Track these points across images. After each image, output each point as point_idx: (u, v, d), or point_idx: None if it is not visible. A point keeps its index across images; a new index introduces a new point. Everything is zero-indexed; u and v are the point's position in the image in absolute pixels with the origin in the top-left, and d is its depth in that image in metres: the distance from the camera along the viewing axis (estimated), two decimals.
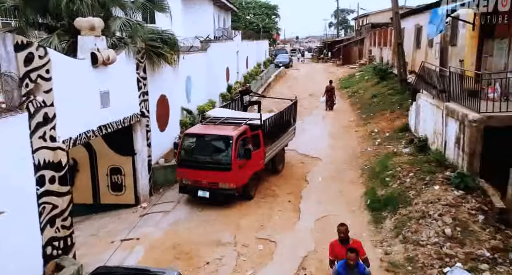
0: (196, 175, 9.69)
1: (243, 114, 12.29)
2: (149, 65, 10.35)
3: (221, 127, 10.30)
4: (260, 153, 10.39)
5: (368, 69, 30.19)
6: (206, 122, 10.78)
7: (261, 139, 10.41)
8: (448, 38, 14.47)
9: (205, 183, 9.64)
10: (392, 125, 15.10)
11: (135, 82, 9.74)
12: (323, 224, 8.73)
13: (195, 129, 10.67)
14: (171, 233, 8.54)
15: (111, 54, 8.05)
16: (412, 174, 9.45)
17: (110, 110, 8.43)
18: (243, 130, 9.96)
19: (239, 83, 23.38)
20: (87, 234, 8.82)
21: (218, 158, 9.74)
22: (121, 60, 8.95)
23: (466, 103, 8.92)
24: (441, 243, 6.74)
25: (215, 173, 9.53)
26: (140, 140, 10.05)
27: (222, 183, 9.53)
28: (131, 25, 9.48)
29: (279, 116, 11.93)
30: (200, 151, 10.04)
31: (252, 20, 54.09)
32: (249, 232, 8.51)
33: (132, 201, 10.14)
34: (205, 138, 10.15)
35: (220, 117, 10.92)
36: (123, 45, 9.24)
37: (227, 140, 9.63)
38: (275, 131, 11.42)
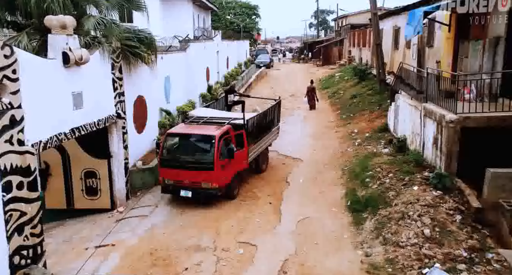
0: (178, 175, 9.65)
1: (227, 114, 12.29)
2: (125, 65, 10.04)
3: (204, 126, 10.29)
4: (243, 152, 10.40)
5: (348, 69, 30.48)
6: (189, 122, 10.77)
7: (244, 138, 10.43)
8: (425, 40, 14.70)
9: (187, 183, 9.61)
10: (372, 125, 15.23)
11: (111, 83, 9.43)
12: (304, 226, 8.67)
13: (177, 128, 10.62)
14: (148, 239, 8.28)
15: (84, 54, 7.75)
16: (392, 175, 9.49)
17: (83, 112, 8.11)
18: (226, 129, 9.96)
19: (219, 83, 23.16)
20: (60, 241, 8.47)
21: (200, 157, 9.70)
22: (95, 60, 8.64)
23: (443, 104, 9.01)
24: (420, 244, 6.76)
25: (197, 172, 9.52)
26: (116, 143, 9.74)
27: (204, 182, 9.51)
28: (106, 23, 9.17)
29: (262, 115, 11.98)
30: (183, 150, 10.03)
31: (233, 20, 53.84)
32: (229, 236, 8.35)
33: (108, 205, 9.82)
34: (187, 138, 10.14)
35: (203, 117, 10.93)
36: (97, 45, 8.93)
37: (210, 139, 9.61)
38: (259, 130, 11.49)
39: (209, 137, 9.68)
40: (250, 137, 10.79)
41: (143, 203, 10.06)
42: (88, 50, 8.29)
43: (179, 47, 17.27)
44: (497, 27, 9.34)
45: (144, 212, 9.62)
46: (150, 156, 11.73)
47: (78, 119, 7.93)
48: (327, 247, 7.74)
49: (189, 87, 17.37)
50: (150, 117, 12.25)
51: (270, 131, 12.42)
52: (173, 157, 9.89)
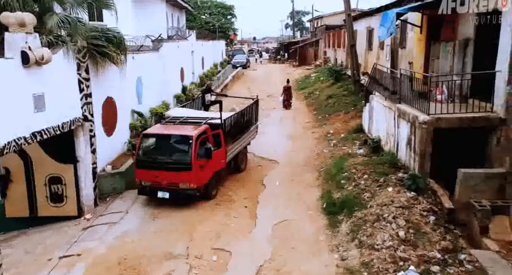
0: (155, 176, 9.51)
1: (204, 114, 12.19)
2: (93, 65, 9.60)
3: (181, 127, 10.23)
4: (221, 152, 10.33)
5: (323, 70, 30.67)
6: (165, 122, 10.67)
7: (221, 138, 10.34)
8: (398, 41, 14.84)
9: (165, 184, 9.50)
10: (347, 126, 15.29)
11: (76, 84, 8.99)
12: (281, 230, 8.51)
13: (153, 129, 10.52)
14: (117, 247, 7.91)
15: (45, 53, 7.30)
16: (367, 176, 9.47)
17: (45, 115, 7.66)
18: (203, 129, 9.90)
19: (194, 84, 22.79)
20: (21, 251, 7.99)
21: (178, 158, 9.59)
22: (59, 59, 8.20)
23: (416, 104, 9.06)
24: (396, 246, 6.71)
25: (175, 173, 9.41)
26: (82, 146, 9.29)
27: (182, 183, 9.41)
28: (70, 22, 8.72)
29: (240, 115, 11.93)
30: (159, 151, 9.89)
31: (208, 20, 53.37)
32: (203, 242, 8.09)
33: (74, 212, 9.35)
34: (164, 138, 10.04)
35: (179, 117, 10.86)
36: (61, 44, 8.47)
37: (187, 140, 9.52)
38: (237, 130, 11.46)
39: (186, 137, 9.58)
40: (228, 137, 10.72)
41: (113, 209, 9.64)
42: (51, 49, 7.85)
43: (152, 47, 16.83)
44: (467, 29, 9.49)
45: (113, 218, 9.21)
46: (120, 160, 11.30)
47: (39, 122, 7.48)
48: (303, 251, 7.61)
49: (163, 88, 16.96)
50: (121, 119, 11.81)
51: (248, 130, 12.39)
52: (150, 158, 9.72)
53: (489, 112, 8.12)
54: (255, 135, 13.21)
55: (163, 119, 11.03)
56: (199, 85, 23.61)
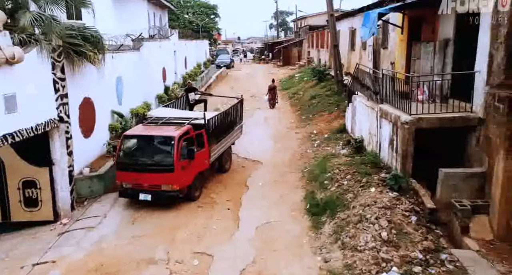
0: (137, 178, 9.33)
1: (187, 114, 12.05)
2: (69, 64, 9.30)
3: (163, 127, 10.04)
4: (204, 153, 10.21)
5: (307, 70, 30.72)
6: (148, 123, 10.47)
7: (205, 138, 10.23)
8: (380, 41, 14.98)
9: (146, 186, 9.31)
10: (330, 126, 15.30)
11: (51, 84, 8.68)
12: (264, 232, 8.38)
13: (135, 130, 10.34)
14: (94, 253, 7.65)
15: (17, 52, 7.02)
16: (350, 176, 9.44)
17: (18, 116, 7.37)
18: (185, 130, 9.73)
19: (177, 84, 22.47)
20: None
21: (160, 159, 9.40)
22: (32, 59, 7.90)
23: (398, 105, 9.08)
24: (378, 247, 6.67)
25: (157, 175, 9.25)
26: (58, 149, 8.99)
27: (164, 185, 9.24)
28: (44, 19, 8.40)
29: (224, 114, 11.80)
30: (141, 153, 9.73)
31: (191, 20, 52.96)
32: (184, 246, 7.90)
33: (50, 217, 9.05)
34: (145, 140, 9.89)
35: (162, 117, 10.67)
36: (34, 42, 8.15)
37: (169, 140, 9.37)
38: (221, 130, 11.32)
39: (168, 138, 9.43)
40: (212, 137, 10.61)
41: (91, 213, 9.36)
42: (23, 48, 7.54)
43: (132, 46, 16.49)
44: (446, 29, 9.56)
45: (91, 223, 8.93)
46: (99, 162, 11.01)
47: (11, 124, 7.19)
48: (286, 254, 7.51)
49: (144, 88, 16.65)
50: (100, 120, 11.51)
51: (232, 130, 12.29)
52: (131, 160, 9.54)
53: (469, 112, 8.18)
54: (239, 135, 13.13)
55: (145, 119, 10.87)
56: (182, 85, 23.32)
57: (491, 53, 7.59)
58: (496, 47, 7.46)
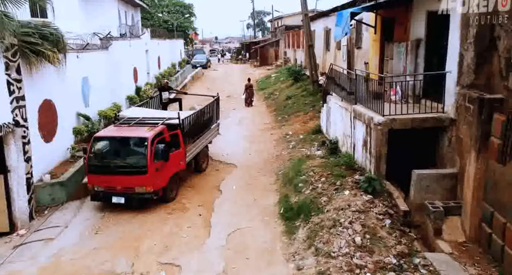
0: (109, 181, 9.11)
1: (161, 113, 11.75)
2: (25, 65, 8.71)
3: (136, 128, 9.77)
4: (180, 153, 10.00)
5: (283, 70, 30.60)
6: (120, 123, 10.16)
7: (180, 138, 10.01)
8: (354, 41, 14.94)
9: (119, 189, 9.10)
10: (306, 127, 15.14)
11: (5, 86, 8.10)
12: (235, 239, 8.07)
13: (106, 131, 10.05)
14: (50, 268, 7.12)
15: None
16: (324, 179, 9.26)
17: None
18: (159, 130, 9.49)
19: (150, 85, 21.86)
20: None
21: (132, 161, 9.21)
22: None
23: (371, 105, 8.96)
24: (352, 253, 6.49)
25: (130, 177, 9.03)
26: (14, 155, 8.40)
27: (138, 187, 9.03)
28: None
29: (199, 113, 11.60)
30: (113, 155, 9.51)
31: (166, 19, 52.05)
32: (150, 257, 7.49)
33: (5, 228, 8.45)
34: (117, 141, 9.64)
35: (135, 118, 10.38)
36: None
37: (142, 142, 9.16)
38: (197, 129, 11.19)
39: (141, 139, 9.20)
40: (187, 137, 10.41)
41: (51, 223, 8.78)
42: None
43: (100, 46, 15.84)
44: (418, 30, 9.52)
45: (50, 234, 8.36)
46: (62, 168, 10.43)
47: None
48: (259, 262, 7.23)
49: (114, 89, 16.03)
50: (62, 123, 10.90)
51: (209, 129, 12.15)
52: (103, 162, 9.26)
53: (441, 113, 8.13)
54: (216, 134, 13.00)
55: (117, 120, 10.50)
56: (155, 86, 22.71)
57: (461, 53, 7.55)
58: (466, 47, 7.42)
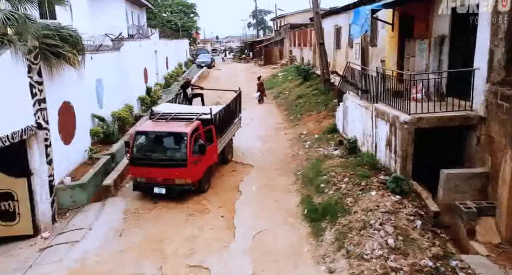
0: (151, 173, 9.67)
1: (192, 109, 12.42)
2: (46, 67, 8.60)
3: (173, 123, 10.35)
4: (213, 147, 10.61)
5: (290, 69, 30.46)
6: (157, 119, 10.71)
7: (213, 133, 10.62)
8: (369, 39, 14.77)
9: (160, 180, 9.65)
10: (320, 126, 15.00)
11: (27, 88, 7.99)
12: (261, 241, 7.95)
13: (146, 126, 10.67)
14: (79, 270, 7.06)
15: None
16: (347, 179, 9.12)
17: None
18: (196, 126, 10.04)
19: (159, 85, 21.77)
20: None
21: (173, 155, 9.79)
22: (6, 61, 7.22)
23: (395, 104, 8.82)
24: (386, 255, 6.36)
25: (170, 169, 9.57)
26: (37, 158, 8.30)
27: (178, 179, 9.58)
28: (18, 19, 7.70)
29: (227, 108, 12.18)
30: (154, 148, 10.10)
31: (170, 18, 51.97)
32: (177, 259, 7.39)
33: (29, 231, 8.36)
34: (158, 136, 10.25)
35: (169, 113, 10.90)
36: (8, 44, 7.45)
37: (182, 137, 9.72)
38: (224, 123, 11.78)
39: (180, 134, 9.76)
40: (218, 130, 10.92)
41: (74, 226, 8.70)
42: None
43: (112, 47, 15.74)
44: (441, 26, 9.36)
45: (74, 237, 8.28)
46: (81, 170, 10.33)
47: None
48: (287, 264, 7.11)
49: (125, 90, 15.95)
50: (80, 126, 10.82)
51: (233, 122, 12.78)
52: (144, 155, 9.85)
53: (469, 111, 7.99)
54: (239, 127, 13.54)
55: (153, 115, 10.93)
56: (164, 86, 22.64)
57: (491, 49, 7.40)
58: (496, 43, 7.28)
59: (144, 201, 9.98)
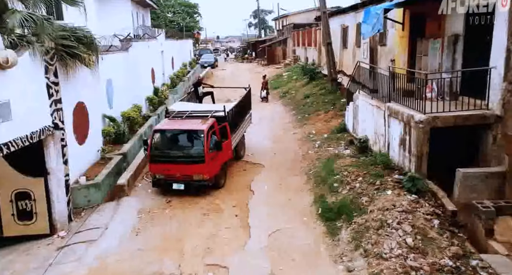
0: (169, 169, 9.98)
1: (206, 106, 12.79)
2: (62, 68, 8.64)
3: (189, 121, 10.74)
4: (228, 143, 10.90)
5: (295, 69, 30.47)
6: (172, 117, 11.05)
7: (228, 130, 10.95)
8: (378, 38, 14.75)
9: (179, 176, 9.98)
10: (329, 125, 15.03)
11: (45, 89, 8.04)
12: (277, 240, 7.99)
13: (164, 125, 10.94)
14: (99, 269, 7.11)
15: (10, 56, 6.39)
16: (361, 179, 9.15)
17: (12, 125, 6.75)
18: (211, 123, 10.40)
19: (166, 85, 21.81)
20: None
21: (191, 151, 10.14)
22: (25, 62, 7.26)
23: (409, 103, 8.83)
24: (405, 254, 6.39)
25: (188, 166, 9.89)
26: (54, 157, 8.35)
27: (196, 175, 9.91)
28: (36, 20, 7.74)
29: (239, 104, 12.60)
30: (172, 146, 10.50)
31: (172, 19, 52.06)
32: (195, 258, 7.44)
33: (46, 230, 8.42)
34: (176, 133, 10.65)
35: (184, 111, 11.25)
36: (26, 45, 7.49)
37: (199, 134, 10.09)
38: (237, 119, 12.19)
39: (197, 131, 10.14)
40: (231, 127, 11.21)
41: (90, 225, 8.75)
42: (15, 51, 6.88)
43: (120, 47, 15.78)
44: (455, 25, 9.37)
45: (91, 235, 8.33)
46: (94, 170, 10.38)
47: (6, 133, 6.58)
48: (305, 263, 7.15)
49: (134, 90, 15.98)
50: (93, 126, 10.86)
51: (244, 118, 13.17)
52: (163, 152, 10.17)
53: (485, 110, 8.01)
54: (250, 123, 13.96)
55: (168, 114, 11.30)
56: (170, 86, 22.67)
57: (508, 48, 7.42)
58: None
59: (157, 200, 10.04)
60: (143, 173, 11.75)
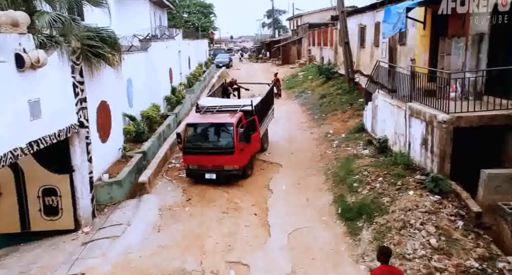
0: (202, 160, 10.63)
1: (232, 101, 13.71)
2: (87, 67, 8.85)
3: (219, 115, 11.39)
4: (256, 136, 11.51)
5: (310, 68, 30.36)
6: (204, 112, 11.65)
7: (256, 123, 11.50)
8: (397, 37, 14.61)
9: (210, 167, 10.61)
10: (346, 125, 14.96)
11: (71, 88, 8.25)
12: (297, 239, 8.03)
13: (196, 119, 11.57)
14: (123, 264, 7.25)
15: (41, 56, 6.56)
16: (381, 179, 9.11)
17: (42, 122, 6.95)
18: (240, 116, 11.01)
19: (183, 85, 22.02)
20: (15, 272, 7.25)
21: (222, 143, 10.77)
22: (53, 62, 7.46)
23: (431, 103, 8.74)
24: (429, 255, 6.35)
25: (220, 157, 10.52)
26: (79, 155, 8.56)
27: (227, 165, 10.53)
28: (64, 21, 7.95)
29: (264, 99, 13.12)
30: (204, 138, 11.20)
31: (188, 19, 52.44)
32: (216, 256, 7.53)
33: (71, 226, 8.64)
34: (207, 126, 11.27)
35: (214, 106, 11.83)
36: (55, 45, 7.70)
37: (229, 126, 10.68)
38: (263, 113, 12.74)
39: (227, 124, 10.74)
40: (258, 121, 11.73)
41: (113, 221, 8.92)
42: (44, 51, 7.08)
43: (140, 47, 16.02)
44: (480, 24, 9.22)
45: (115, 232, 8.50)
46: (116, 167, 10.59)
47: (36, 131, 6.77)
48: (326, 263, 7.16)
49: (153, 89, 16.21)
50: (114, 124, 11.06)
51: (268, 113, 13.80)
52: (195, 145, 10.83)
53: (511, 110, 7.86)
54: (272, 117, 14.67)
55: (198, 108, 11.88)
56: (187, 86, 22.90)
57: None
58: None
59: (177, 198, 10.18)
60: (163, 171, 11.93)
